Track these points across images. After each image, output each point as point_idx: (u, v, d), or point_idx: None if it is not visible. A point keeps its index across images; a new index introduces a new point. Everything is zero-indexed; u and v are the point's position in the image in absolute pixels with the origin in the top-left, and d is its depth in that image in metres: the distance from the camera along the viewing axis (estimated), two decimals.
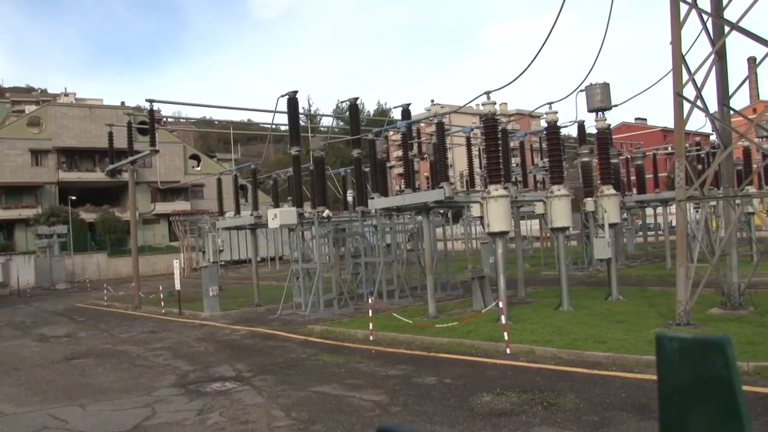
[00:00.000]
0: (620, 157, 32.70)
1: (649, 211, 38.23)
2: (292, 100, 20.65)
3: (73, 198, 57.65)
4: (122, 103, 79.94)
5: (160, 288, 26.48)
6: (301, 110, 25.93)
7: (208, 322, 21.31)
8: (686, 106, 13.50)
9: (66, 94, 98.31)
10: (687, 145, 29.06)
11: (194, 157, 71.52)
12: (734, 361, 1.19)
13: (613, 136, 36.04)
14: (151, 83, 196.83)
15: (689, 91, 13.60)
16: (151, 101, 23.72)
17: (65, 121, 62.05)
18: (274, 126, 28.87)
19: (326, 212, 20.81)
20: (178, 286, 24.03)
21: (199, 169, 69.26)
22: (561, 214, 17.24)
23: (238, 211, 26.82)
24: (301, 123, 30.00)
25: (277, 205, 25.04)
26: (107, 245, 58.75)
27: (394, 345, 14.23)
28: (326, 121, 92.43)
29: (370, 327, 15.19)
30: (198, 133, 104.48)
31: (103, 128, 31.74)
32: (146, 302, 27.19)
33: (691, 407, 1.20)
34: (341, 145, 58.88)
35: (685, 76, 13.52)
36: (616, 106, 18.32)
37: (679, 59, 13.35)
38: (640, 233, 41.03)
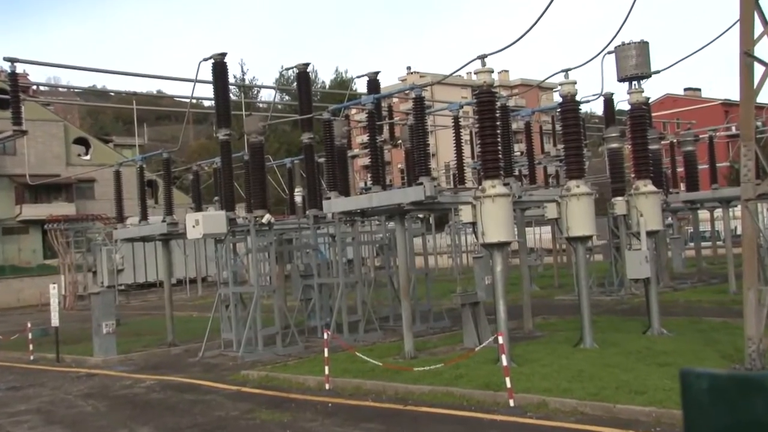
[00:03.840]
0: (663, 142, 33.11)
1: (703, 214, 38.63)
2: (220, 66, 20.56)
3: None
4: None
5: (29, 325, 25.73)
6: (231, 80, 25.93)
7: (100, 370, 21.04)
8: (758, 69, 13.12)
9: None
10: (759, 123, 29.26)
11: (81, 141, 70.53)
12: None
13: (654, 114, 36.53)
14: (16, 36, 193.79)
15: (763, 50, 13.22)
16: (12, 60, 22.60)
17: None
18: (194, 100, 28.79)
19: (267, 217, 20.81)
20: (55, 322, 23.55)
21: (88, 158, 68.42)
22: (581, 218, 17.47)
23: (144, 217, 26.59)
24: (233, 97, 30.00)
25: (199, 208, 24.96)
26: None
27: (359, 396, 14.32)
28: (266, 95, 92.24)
29: (326, 372, 15.25)
30: (86, 109, 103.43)
31: None
32: (6, 346, 26.27)
33: None
34: (286, 127, 58.85)
35: (758, 29, 13.13)
36: (657, 72, 18.50)
37: (749, 5, 13.00)
38: (691, 244, 41.54)
